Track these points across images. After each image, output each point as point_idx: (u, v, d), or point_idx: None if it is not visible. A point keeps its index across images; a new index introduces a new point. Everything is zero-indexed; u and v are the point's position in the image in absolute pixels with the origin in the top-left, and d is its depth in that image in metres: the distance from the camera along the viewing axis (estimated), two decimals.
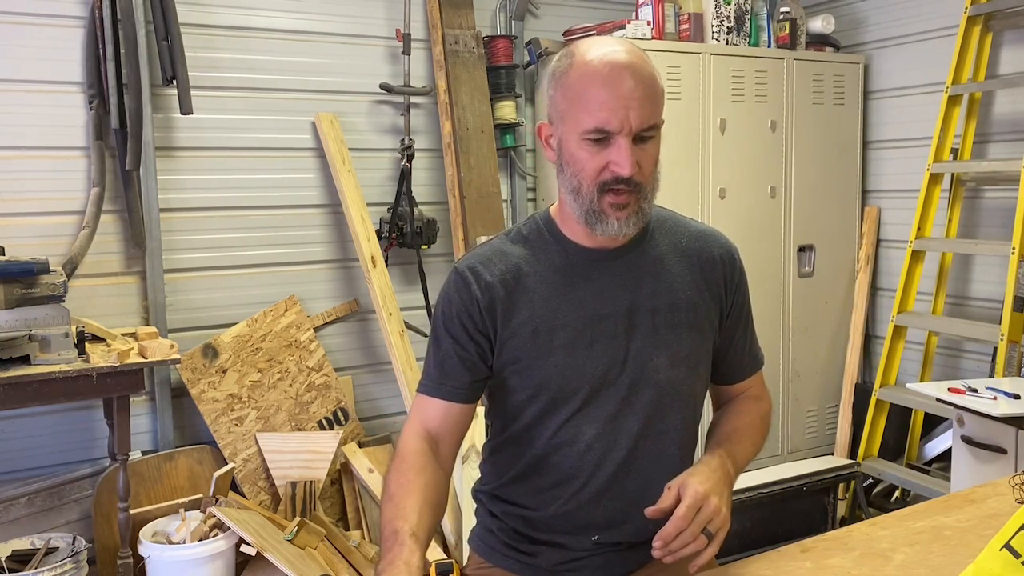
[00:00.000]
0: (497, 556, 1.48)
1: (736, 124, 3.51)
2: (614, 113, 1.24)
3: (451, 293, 1.38)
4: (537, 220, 1.43)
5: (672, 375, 1.39)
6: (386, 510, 1.26)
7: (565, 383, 1.35)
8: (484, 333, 1.36)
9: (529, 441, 1.40)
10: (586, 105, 1.25)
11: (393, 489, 1.28)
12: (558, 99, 1.30)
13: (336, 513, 3.16)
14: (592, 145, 1.26)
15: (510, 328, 1.35)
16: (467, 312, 1.36)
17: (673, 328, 1.38)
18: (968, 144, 3.42)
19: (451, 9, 3.40)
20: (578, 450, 1.37)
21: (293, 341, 3.19)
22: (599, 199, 1.28)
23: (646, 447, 1.39)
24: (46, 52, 2.83)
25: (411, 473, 1.30)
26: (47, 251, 2.67)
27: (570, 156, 1.30)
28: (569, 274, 1.37)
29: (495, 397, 1.44)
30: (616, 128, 1.24)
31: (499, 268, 1.37)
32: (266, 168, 3.21)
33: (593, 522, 1.40)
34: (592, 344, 1.35)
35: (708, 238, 1.47)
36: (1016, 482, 1.54)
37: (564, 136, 1.30)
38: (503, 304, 1.35)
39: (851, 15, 3.89)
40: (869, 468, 3.51)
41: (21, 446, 2.86)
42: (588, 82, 1.26)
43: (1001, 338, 3.03)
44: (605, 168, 1.27)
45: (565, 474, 1.39)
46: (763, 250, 3.58)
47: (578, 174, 1.29)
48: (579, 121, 1.26)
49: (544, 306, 1.35)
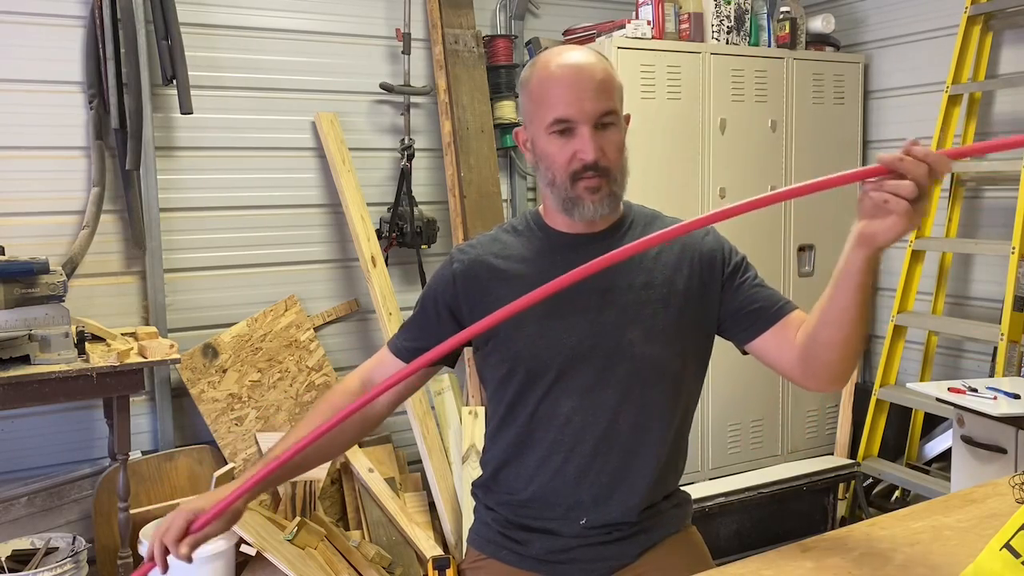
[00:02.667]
0: (491, 547, 1.52)
1: (736, 124, 3.51)
2: (571, 104, 1.37)
3: (437, 271, 1.56)
4: (527, 214, 1.56)
5: (647, 350, 1.43)
6: (290, 432, 1.46)
7: (539, 353, 1.43)
8: (452, 310, 1.49)
9: (514, 419, 1.48)
10: (548, 102, 1.39)
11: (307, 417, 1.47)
12: (526, 103, 1.46)
13: (336, 513, 3.16)
14: (558, 137, 1.39)
15: (486, 303, 1.44)
16: (442, 289, 1.51)
17: (648, 304, 1.44)
18: (968, 144, 3.42)
19: (451, 9, 3.40)
20: (558, 423, 1.44)
21: (293, 341, 3.19)
22: (572, 187, 1.40)
23: (626, 421, 1.44)
24: (46, 52, 2.83)
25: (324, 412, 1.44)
26: (47, 251, 2.67)
27: (542, 152, 1.42)
28: (549, 255, 1.47)
29: (485, 378, 1.54)
30: (576, 116, 1.37)
31: (487, 251, 1.51)
32: (266, 168, 3.21)
33: (579, 501, 1.44)
34: (564, 317, 1.43)
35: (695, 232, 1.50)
36: (1016, 482, 1.54)
37: (535, 135, 1.44)
38: (483, 283, 1.47)
39: (851, 15, 3.89)
40: (869, 468, 3.51)
41: (21, 446, 2.86)
42: (547, 83, 1.40)
43: (1001, 338, 3.03)
44: (573, 158, 1.39)
45: (548, 448, 1.45)
46: (763, 250, 3.58)
47: (551, 167, 1.41)
48: (543, 118, 1.40)
49: (521, 283, 1.43)
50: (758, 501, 3.13)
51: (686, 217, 1.54)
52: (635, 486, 1.44)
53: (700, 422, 3.50)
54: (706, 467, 3.53)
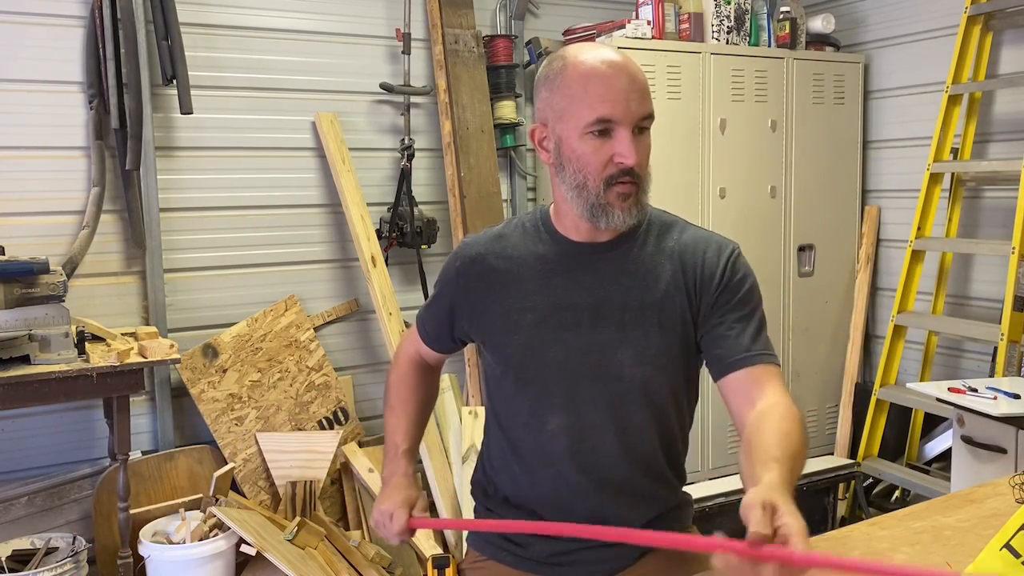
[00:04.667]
0: (491, 548, 1.52)
1: (736, 124, 3.51)
2: (616, 104, 1.28)
3: (448, 262, 1.54)
4: (538, 212, 1.50)
5: (637, 372, 1.38)
6: (388, 420, 1.60)
7: (527, 362, 1.41)
8: (453, 307, 1.50)
9: (508, 424, 1.48)
10: (587, 99, 1.29)
11: (394, 402, 1.61)
12: (555, 100, 1.34)
13: (336, 513, 3.16)
14: (595, 139, 1.30)
15: (485, 303, 1.44)
16: (449, 282, 1.52)
17: (641, 326, 1.37)
18: (968, 144, 3.42)
19: (451, 9, 3.40)
20: (546, 437, 1.42)
21: (293, 341, 3.19)
22: (606, 192, 1.32)
23: (617, 441, 1.40)
24: (46, 52, 2.83)
25: (408, 391, 1.61)
26: (47, 251, 2.67)
27: (571, 152, 1.33)
28: (550, 263, 1.43)
29: (485, 372, 1.54)
30: (619, 117, 1.29)
31: (490, 249, 1.47)
32: (266, 168, 3.21)
33: (575, 515, 1.42)
34: (555, 330, 1.40)
35: (702, 241, 1.43)
36: (1016, 482, 1.54)
37: (563, 134, 1.33)
38: (484, 280, 1.45)
39: (851, 15, 3.89)
40: (869, 468, 3.51)
41: (21, 446, 2.86)
42: (587, 78, 1.30)
43: (1001, 338, 3.03)
44: (610, 161, 1.30)
45: (539, 460, 1.44)
46: (763, 250, 3.59)
47: (582, 169, 1.32)
48: (580, 116, 1.30)
49: (519, 288, 1.42)
50: None
51: (688, 216, 1.54)
52: (627, 507, 1.42)
53: (700, 422, 3.50)
54: (706, 467, 3.53)
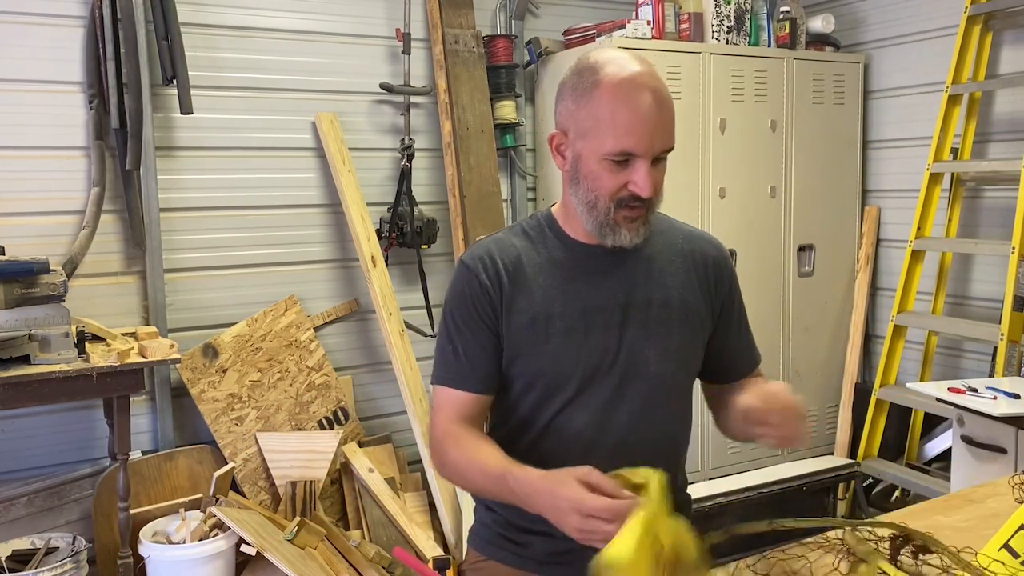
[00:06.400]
0: (492, 548, 1.52)
1: (736, 124, 3.51)
2: (640, 139, 1.29)
3: (463, 287, 1.43)
4: (539, 217, 1.50)
5: (662, 368, 1.44)
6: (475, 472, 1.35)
7: (560, 370, 1.40)
8: (496, 319, 1.41)
9: (524, 430, 1.45)
10: (613, 129, 1.29)
11: (464, 463, 1.37)
12: (580, 115, 1.33)
13: (336, 513, 3.16)
14: (613, 166, 1.32)
15: (511, 316, 1.41)
16: (481, 302, 1.41)
17: (664, 323, 1.44)
18: (968, 144, 3.42)
19: (451, 9, 3.40)
20: (567, 436, 1.42)
21: (293, 341, 3.19)
22: (614, 213, 1.35)
23: (636, 438, 1.43)
24: (46, 52, 2.83)
25: (469, 443, 1.38)
26: (47, 251, 2.67)
27: (588, 172, 1.35)
28: (567, 267, 1.43)
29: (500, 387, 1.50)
30: (642, 152, 1.30)
31: (502, 259, 1.43)
32: (266, 168, 3.21)
33: None
34: (587, 334, 1.41)
35: (701, 240, 1.55)
36: (1016, 482, 1.54)
37: (583, 153, 1.34)
38: (507, 293, 1.41)
39: (851, 15, 3.89)
40: (869, 468, 3.51)
41: (21, 446, 2.86)
42: (616, 104, 1.29)
43: (1001, 338, 3.03)
44: (623, 188, 1.33)
45: (554, 462, 1.40)
46: (763, 250, 3.58)
47: (595, 190, 1.35)
48: (603, 143, 1.31)
49: (542, 296, 1.42)
50: (758, 501, 3.13)
51: (688, 217, 1.56)
52: None
53: (700, 422, 3.50)
54: (706, 467, 3.53)
